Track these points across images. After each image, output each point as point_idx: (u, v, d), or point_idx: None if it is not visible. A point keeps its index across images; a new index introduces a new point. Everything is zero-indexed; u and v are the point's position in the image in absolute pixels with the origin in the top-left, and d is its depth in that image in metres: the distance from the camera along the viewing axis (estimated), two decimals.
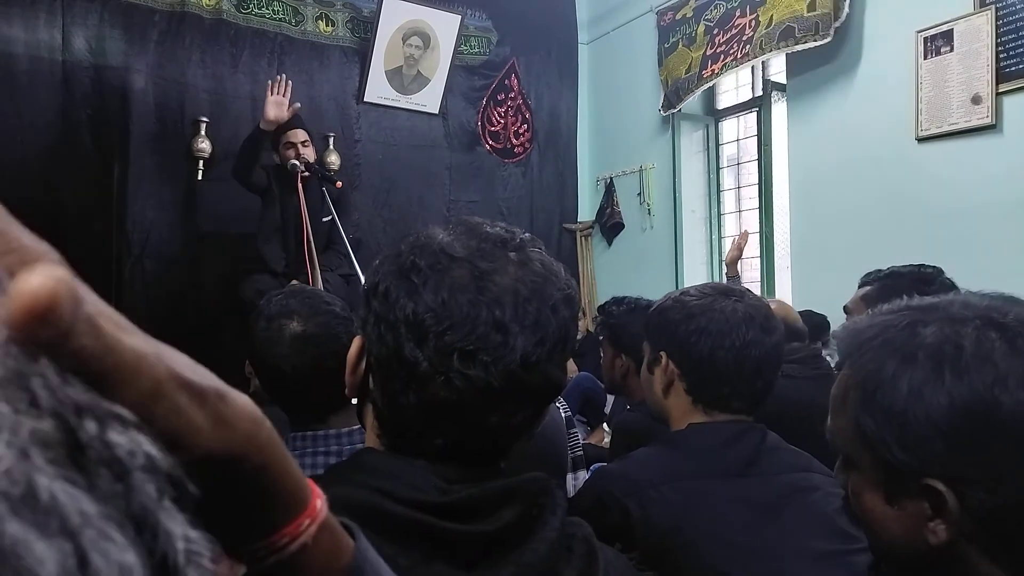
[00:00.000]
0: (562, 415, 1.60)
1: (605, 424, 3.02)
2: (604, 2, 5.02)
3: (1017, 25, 2.90)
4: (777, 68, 4.09)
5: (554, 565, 0.58)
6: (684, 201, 4.53)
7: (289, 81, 3.20)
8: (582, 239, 5.07)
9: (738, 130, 4.55)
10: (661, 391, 1.17)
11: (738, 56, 3.91)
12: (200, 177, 3.59)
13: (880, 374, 0.63)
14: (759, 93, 4.27)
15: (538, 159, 4.94)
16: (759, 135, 4.22)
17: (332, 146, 4.04)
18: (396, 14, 4.07)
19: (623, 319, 1.91)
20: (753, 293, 1.23)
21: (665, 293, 1.25)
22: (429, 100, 4.40)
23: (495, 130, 4.75)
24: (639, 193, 4.74)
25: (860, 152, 3.44)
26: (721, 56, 4.03)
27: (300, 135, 3.17)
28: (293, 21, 3.97)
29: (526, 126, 4.87)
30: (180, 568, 0.20)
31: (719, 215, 4.60)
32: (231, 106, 3.74)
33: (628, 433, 1.74)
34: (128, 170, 3.44)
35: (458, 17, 4.27)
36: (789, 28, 3.59)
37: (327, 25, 4.09)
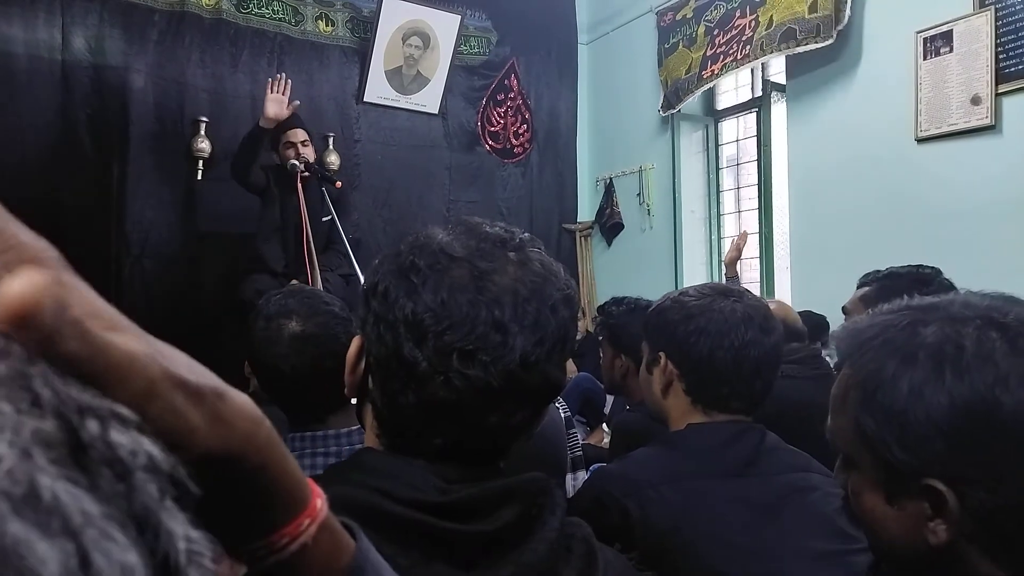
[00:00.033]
0: (561, 415, 1.59)
1: (604, 424, 3.02)
2: (604, 2, 5.02)
3: (1016, 26, 2.90)
4: (777, 69, 4.09)
5: (553, 565, 0.58)
6: (684, 201, 4.52)
7: (289, 79, 3.21)
8: (582, 239, 5.07)
9: (738, 130, 4.55)
10: (660, 391, 1.17)
11: (738, 57, 3.91)
12: (200, 177, 3.59)
13: (881, 374, 0.63)
14: (759, 93, 4.27)
15: (538, 159, 4.93)
16: (759, 136, 4.22)
17: (332, 146, 4.04)
18: (396, 14, 4.07)
19: (622, 319, 1.91)
20: (752, 293, 1.23)
21: (664, 293, 1.24)
22: (429, 100, 4.39)
23: (495, 130, 4.74)
24: (639, 193, 4.74)
25: (859, 153, 3.44)
26: (721, 57, 4.03)
27: (300, 135, 3.17)
28: (293, 21, 3.97)
29: (526, 126, 4.87)
30: (182, 568, 0.20)
31: (719, 215, 4.60)
32: (231, 106, 3.73)
33: (627, 433, 1.74)
34: (127, 170, 3.44)
35: (458, 17, 4.26)
36: (790, 30, 3.59)
37: (327, 25, 4.09)
